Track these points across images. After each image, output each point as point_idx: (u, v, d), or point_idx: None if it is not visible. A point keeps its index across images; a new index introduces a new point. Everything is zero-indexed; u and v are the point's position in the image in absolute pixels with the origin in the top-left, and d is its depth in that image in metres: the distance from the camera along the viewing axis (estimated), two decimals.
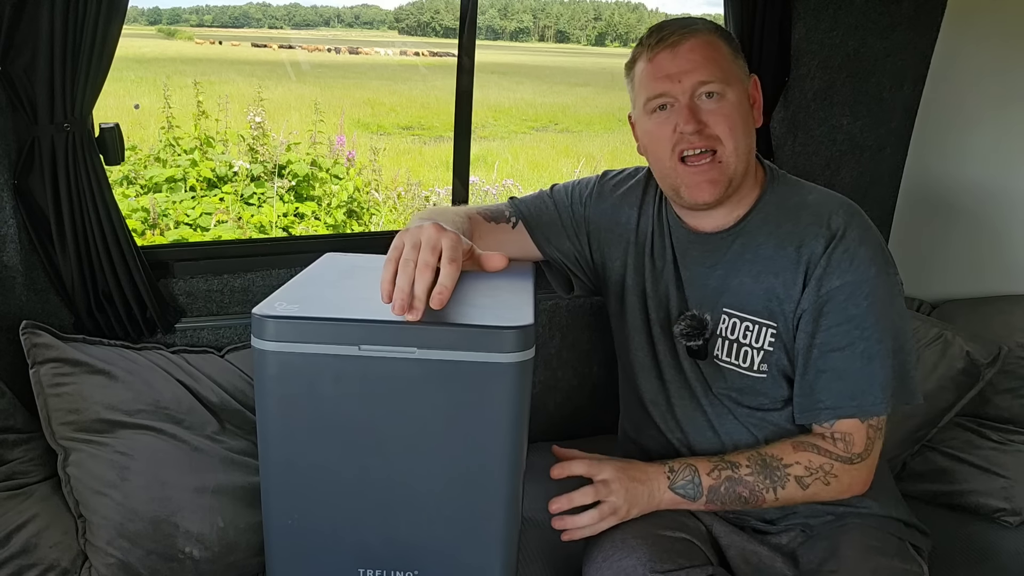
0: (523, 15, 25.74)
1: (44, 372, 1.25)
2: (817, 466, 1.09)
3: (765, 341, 1.13)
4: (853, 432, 1.09)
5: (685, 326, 1.18)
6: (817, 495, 1.11)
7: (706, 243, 1.17)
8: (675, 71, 1.07)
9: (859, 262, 1.07)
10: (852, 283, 1.07)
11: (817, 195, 1.15)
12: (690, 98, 1.07)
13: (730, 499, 1.11)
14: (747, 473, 1.10)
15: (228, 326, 1.53)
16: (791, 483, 1.09)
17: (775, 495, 1.10)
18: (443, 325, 0.83)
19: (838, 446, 1.09)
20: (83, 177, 1.29)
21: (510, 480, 0.88)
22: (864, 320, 1.06)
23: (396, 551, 0.91)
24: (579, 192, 1.30)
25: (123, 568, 1.19)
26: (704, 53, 1.07)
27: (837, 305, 1.07)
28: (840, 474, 1.09)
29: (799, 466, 1.09)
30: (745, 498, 1.10)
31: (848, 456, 1.09)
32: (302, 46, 15.53)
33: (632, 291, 1.25)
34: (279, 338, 0.83)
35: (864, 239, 1.08)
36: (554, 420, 1.80)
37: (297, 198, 4.25)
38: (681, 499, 1.11)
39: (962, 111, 1.87)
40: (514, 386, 0.84)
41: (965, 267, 1.90)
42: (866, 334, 1.06)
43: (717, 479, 1.10)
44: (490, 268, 0.94)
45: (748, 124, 1.11)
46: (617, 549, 1.10)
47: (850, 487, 1.11)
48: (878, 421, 1.10)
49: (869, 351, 1.07)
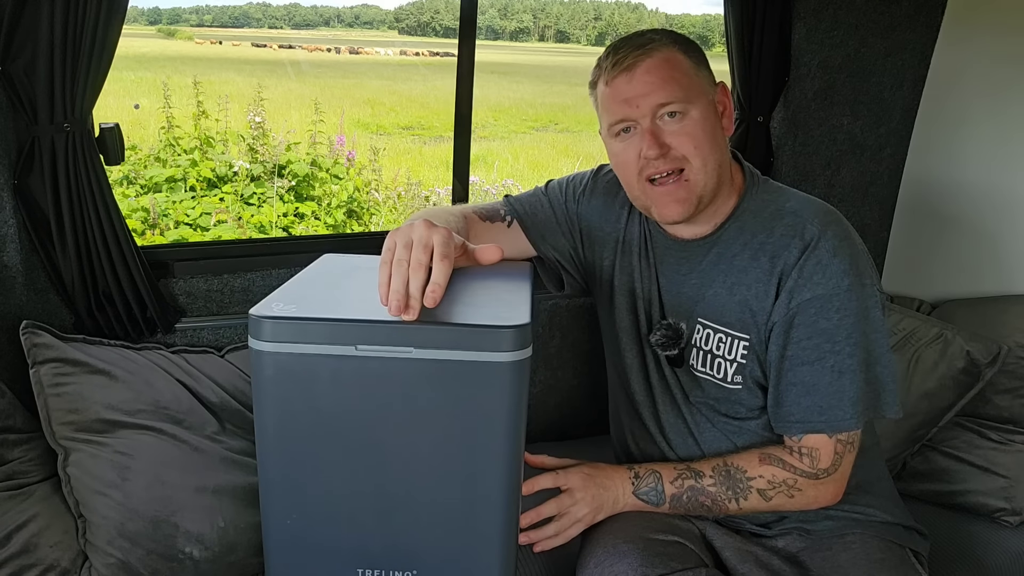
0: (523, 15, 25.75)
1: (44, 372, 1.25)
2: (780, 480, 1.09)
3: (738, 353, 1.12)
4: (820, 447, 1.08)
5: (661, 335, 1.19)
6: (782, 506, 1.11)
7: (683, 250, 1.17)
8: (632, 95, 1.04)
9: (831, 274, 1.04)
10: (823, 296, 1.04)
11: (795, 203, 1.11)
12: (651, 121, 1.05)
13: (693, 507, 1.12)
14: (710, 484, 1.11)
15: (228, 326, 1.53)
16: (753, 495, 1.10)
17: (738, 505, 1.11)
18: (440, 324, 0.83)
19: (804, 461, 1.09)
20: (83, 177, 1.29)
21: (508, 479, 0.88)
22: (835, 334, 1.04)
23: (394, 551, 0.91)
24: (573, 188, 1.30)
25: (123, 568, 1.19)
26: (661, 73, 1.04)
27: (808, 318, 1.05)
28: (805, 488, 1.09)
29: (762, 479, 1.10)
30: (708, 507, 1.12)
31: (813, 472, 1.09)
32: (302, 46, 15.53)
33: (620, 291, 1.25)
34: (276, 339, 0.83)
35: (838, 249, 1.05)
36: (554, 420, 1.80)
37: (297, 198, 4.25)
38: (644, 504, 1.13)
39: (962, 111, 1.87)
40: (512, 385, 0.84)
41: (965, 267, 1.90)
42: (836, 347, 1.04)
43: (680, 488, 1.11)
44: (485, 261, 0.93)
45: (716, 137, 1.07)
46: (609, 555, 1.10)
47: (816, 500, 1.11)
48: (848, 436, 1.08)
49: (839, 366, 1.05)
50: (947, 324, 1.68)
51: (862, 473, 1.19)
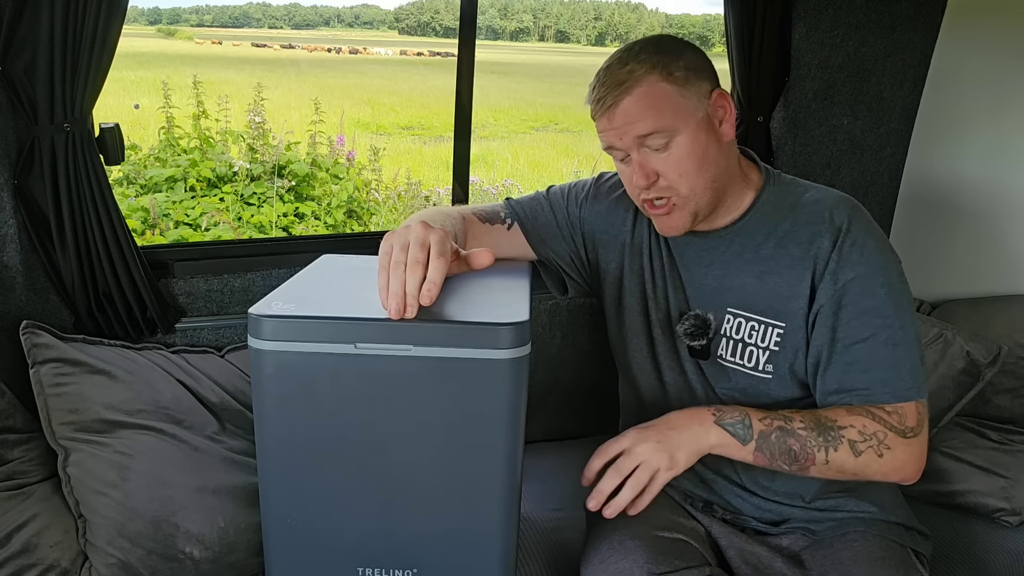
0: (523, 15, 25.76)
1: (44, 372, 1.25)
2: (871, 432, 1.03)
3: (771, 341, 1.12)
4: (904, 408, 1.05)
5: (689, 325, 1.18)
6: (867, 467, 1.04)
7: (703, 241, 1.17)
8: (613, 131, 1.06)
9: (868, 253, 1.06)
10: (865, 274, 1.06)
11: (814, 193, 1.14)
12: (638, 152, 1.06)
13: (780, 451, 1.04)
14: (800, 427, 1.04)
15: (228, 326, 1.54)
16: (844, 446, 1.03)
17: (826, 456, 1.03)
18: (439, 322, 0.83)
19: (892, 417, 1.05)
20: (83, 177, 1.29)
21: (508, 477, 0.88)
22: (883, 309, 1.05)
23: (395, 549, 0.92)
24: (575, 194, 1.30)
25: (123, 568, 1.19)
26: (640, 106, 1.03)
27: (854, 297, 1.06)
28: (894, 446, 1.03)
29: (853, 429, 1.03)
30: (795, 452, 1.03)
31: (902, 428, 1.04)
32: (302, 46, 15.54)
33: (630, 293, 1.25)
34: (275, 337, 0.83)
35: (869, 231, 1.08)
36: (554, 420, 1.80)
37: (297, 198, 4.25)
38: (730, 438, 1.04)
39: (962, 111, 1.87)
40: (510, 382, 0.84)
41: (965, 267, 1.90)
42: (888, 322, 1.05)
43: (769, 426, 1.04)
44: (477, 266, 0.93)
45: (707, 155, 1.07)
46: (614, 551, 1.10)
47: (903, 465, 1.05)
48: (922, 402, 1.06)
49: (893, 338, 1.05)
50: (947, 324, 1.68)
51: None
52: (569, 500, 1.49)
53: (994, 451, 1.59)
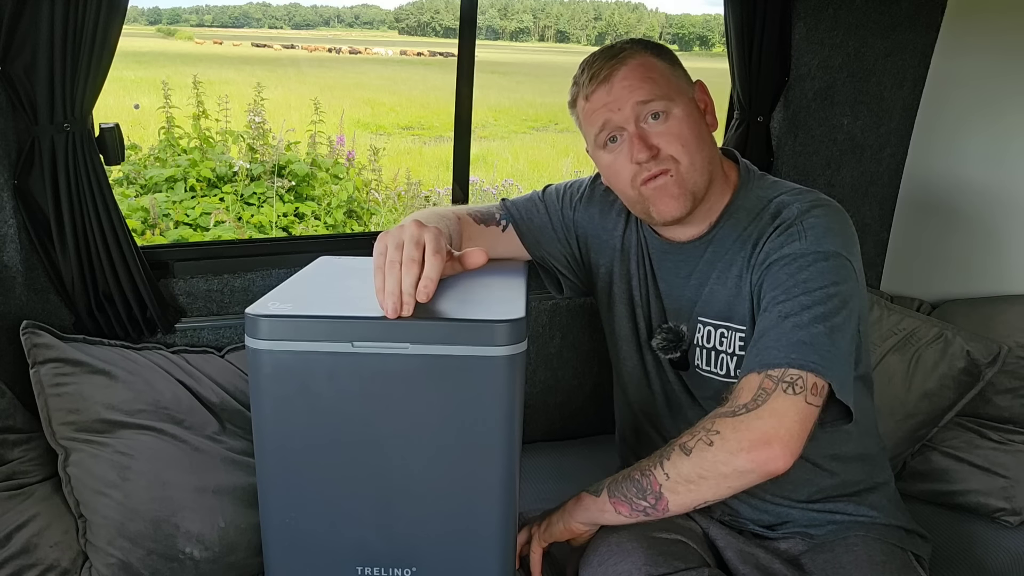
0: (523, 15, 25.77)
1: (44, 372, 1.25)
2: (699, 427, 0.97)
3: (735, 346, 1.11)
4: (744, 385, 0.97)
5: (661, 339, 1.18)
6: (705, 461, 0.95)
7: (679, 253, 1.17)
8: (612, 100, 1.06)
9: (803, 238, 1.02)
10: (790, 255, 1.02)
11: (787, 194, 1.10)
12: (636, 124, 1.05)
13: (626, 485, 1.02)
14: (646, 462, 1.02)
15: (228, 326, 1.53)
16: (675, 451, 0.97)
17: (663, 470, 0.98)
18: (435, 320, 0.83)
19: (720, 406, 0.98)
20: (83, 177, 1.29)
21: (505, 474, 0.88)
22: (791, 285, 1.00)
23: (393, 548, 0.92)
24: (570, 195, 1.30)
25: (123, 568, 1.19)
26: (638, 75, 1.05)
27: (771, 274, 1.03)
28: (721, 429, 0.94)
29: (685, 434, 0.99)
30: (637, 480, 1.00)
31: (731, 409, 0.95)
32: (302, 46, 15.54)
33: (619, 299, 1.25)
34: (273, 336, 0.83)
35: (816, 223, 1.03)
36: (554, 420, 1.80)
37: (297, 198, 4.25)
38: (589, 500, 1.07)
39: (962, 111, 1.87)
40: (507, 379, 0.84)
41: (965, 267, 1.90)
42: (789, 295, 0.99)
43: (618, 476, 1.04)
44: (470, 266, 0.93)
45: (702, 134, 1.08)
46: (613, 553, 1.10)
47: (738, 446, 0.93)
48: (780, 373, 0.94)
49: (785, 310, 0.99)
50: (947, 324, 1.68)
51: (868, 476, 1.19)
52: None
53: (994, 451, 1.59)
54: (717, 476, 0.95)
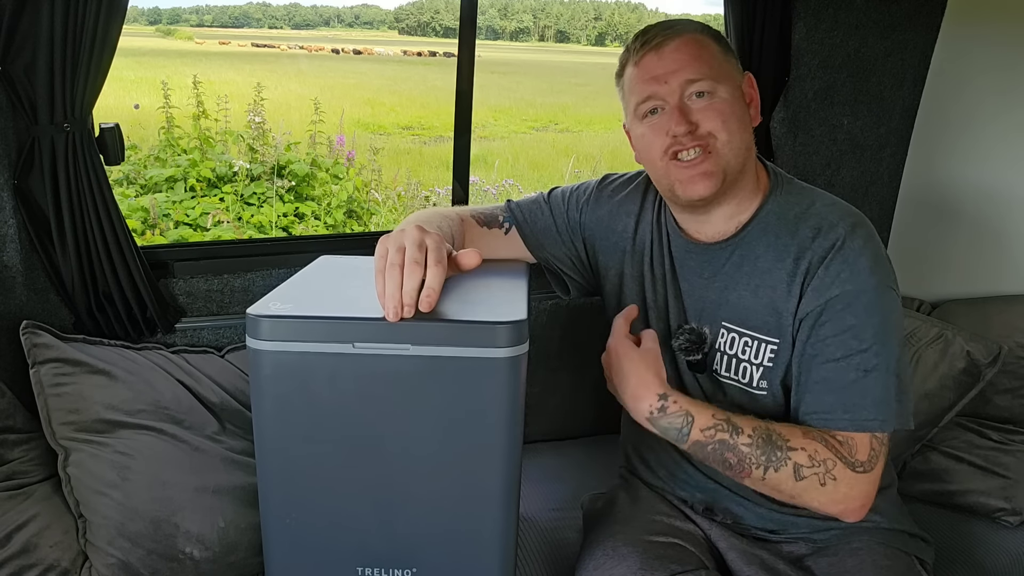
0: (523, 15, 25.78)
1: (44, 372, 1.25)
2: (821, 460, 0.99)
3: (764, 357, 1.10)
4: (855, 439, 1.01)
5: (684, 340, 1.16)
6: (806, 493, 1.00)
7: (704, 253, 1.15)
8: (661, 72, 1.05)
9: (858, 271, 1.02)
10: (851, 292, 1.02)
11: (821, 205, 1.09)
12: (679, 99, 1.05)
13: (715, 459, 1.02)
14: (745, 442, 1.00)
15: (228, 326, 1.53)
16: (786, 468, 0.99)
17: (763, 474, 1.00)
18: (437, 321, 0.83)
19: (843, 448, 1.01)
20: (83, 177, 1.29)
21: (507, 476, 0.88)
22: (862, 331, 1.01)
23: (394, 549, 0.92)
24: (576, 198, 1.29)
25: (123, 568, 1.19)
26: (690, 51, 1.05)
27: (835, 314, 1.02)
28: (840, 477, 0.99)
29: (803, 453, 0.99)
30: (731, 464, 1.01)
31: (852, 460, 1.00)
32: (303, 46, 15.54)
33: (631, 300, 1.23)
34: (274, 337, 0.83)
35: (864, 250, 1.03)
36: (554, 420, 1.80)
37: (297, 198, 4.25)
38: (657, 433, 1.04)
39: (962, 111, 1.87)
40: (508, 381, 0.84)
41: (965, 267, 1.90)
42: (863, 345, 1.01)
43: (709, 437, 1.01)
44: (464, 267, 0.92)
45: (743, 120, 1.07)
46: (608, 557, 1.09)
47: (845, 498, 1.00)
48: (884, 438, 1.02)
49: (865, 364, 1.01)
50: (947, 324, 1.68)
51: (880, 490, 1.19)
52: (569, 500, 1.49)
53: (994, 451, 1.59)
54: (804, 503, 1.02)
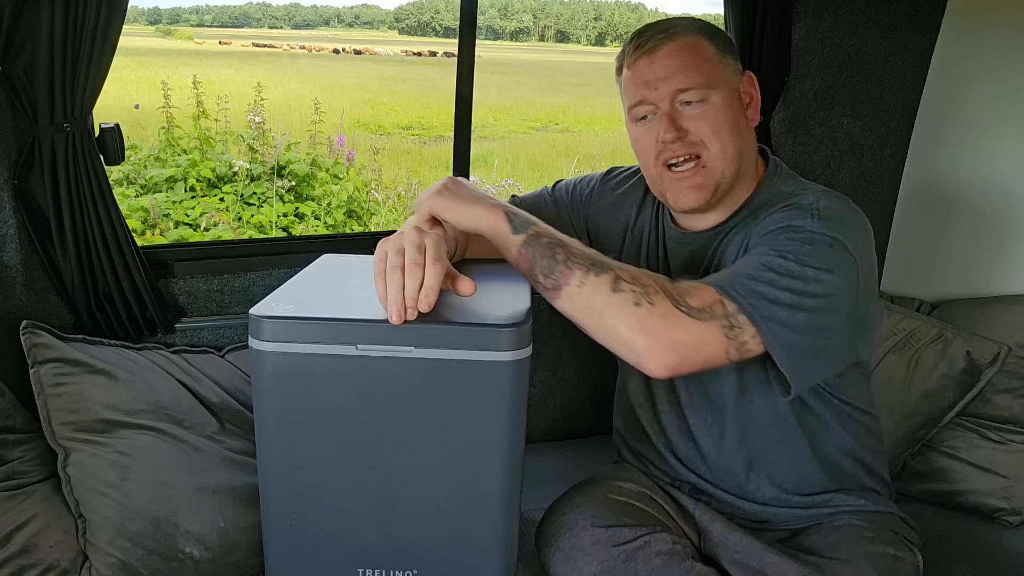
0: (523, 15, 25.78)
1: (44, 372, 1.25)
2: (644, 284, 0.91)
3: None
4: (698, 289, 0.93)
5: None
6: (617, 310, 0.90)
7: (694, 243, 1.15)
8: (653, 78, 1.04)
9: (814, 219, 0.98)
10: (798, 227, 0.97)
11: (809, 191, 1.07)
12: (670, 106, 1.04)
13: (542, 254, 0.93)
14: (576, 246, 0.94)
15: (228, 326, 1.53)
16: (606, 277, 0.91)
17: (582, 278, 0.91)
18: (440, 324, 0.83)
19: (676, 289, 0.93)
20: (83, 177, 1.29)
21: (508, 478, 0.88)
22: (787, 249, 0.95)
23: (395, 550, 0.92)
24: (580, 190, 1.29)
25: (123, 568, 1.19)
26: (683, 58, 1.03)
27: (770, 236, 0.99)
28: (657, 305, 0.89)
29: (626, 272, 0.92)
30: (558, 260, 0.92)
31: (677, 299, 0.91)
32: (303, 46, 15.54)
33: None
34: (276, 338, 0.83)
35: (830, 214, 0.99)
36: (554, 420, 1.80)
37: (297, 198, 4.25)
38: (505, 222, 0.95)
39: (962, 111, 1.87)
40: (511, 384, 0.84)
41: (965, 267, 1.89)
42: (782, 254, 0.95)
43: (546, 233, 0.95)
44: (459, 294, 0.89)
45: (738, 125, 1.06)
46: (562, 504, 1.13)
47: (656, 329, 0.89)
48: (735, 311, 0.92)
49: (770, 263, 0.94)
50: (947, 324, 1.68)
51: (867, 476, 1.19)
52: None
53: (994, 451, 1.59)
54: (610, 327, 0.91)
